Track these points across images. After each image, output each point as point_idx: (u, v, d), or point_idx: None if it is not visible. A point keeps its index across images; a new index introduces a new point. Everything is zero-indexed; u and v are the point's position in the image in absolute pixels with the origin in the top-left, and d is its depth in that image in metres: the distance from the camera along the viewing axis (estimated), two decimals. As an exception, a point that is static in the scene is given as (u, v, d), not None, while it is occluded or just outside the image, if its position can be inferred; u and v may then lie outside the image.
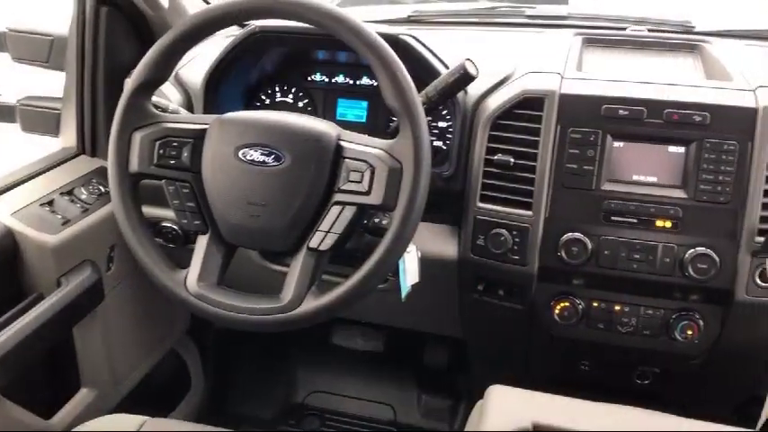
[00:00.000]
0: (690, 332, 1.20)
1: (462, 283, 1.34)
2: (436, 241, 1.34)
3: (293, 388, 2.00)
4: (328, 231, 1.01)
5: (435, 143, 1.39)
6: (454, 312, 1.43)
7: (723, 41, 1.49)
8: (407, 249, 1.16)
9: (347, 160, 1.01)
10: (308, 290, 1.02)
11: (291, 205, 1.01)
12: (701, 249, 1.15)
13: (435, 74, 1.21)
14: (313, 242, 1.01)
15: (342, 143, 1.02)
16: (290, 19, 1.03)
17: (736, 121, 1.15)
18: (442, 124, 1.38)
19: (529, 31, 1.66)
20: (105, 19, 1.40)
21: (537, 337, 1.33)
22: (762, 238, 1.12)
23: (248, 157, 1.03)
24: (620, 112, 1.18)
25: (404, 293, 1.21)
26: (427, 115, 1.19)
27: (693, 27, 1.63)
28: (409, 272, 1.19)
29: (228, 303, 1.04)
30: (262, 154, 1.02)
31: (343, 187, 1.00)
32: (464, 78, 1.12)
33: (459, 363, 1.85)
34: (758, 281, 1.15)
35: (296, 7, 1.00)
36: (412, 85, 0.99)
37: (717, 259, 1.14)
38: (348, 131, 1.05)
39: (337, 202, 1.01)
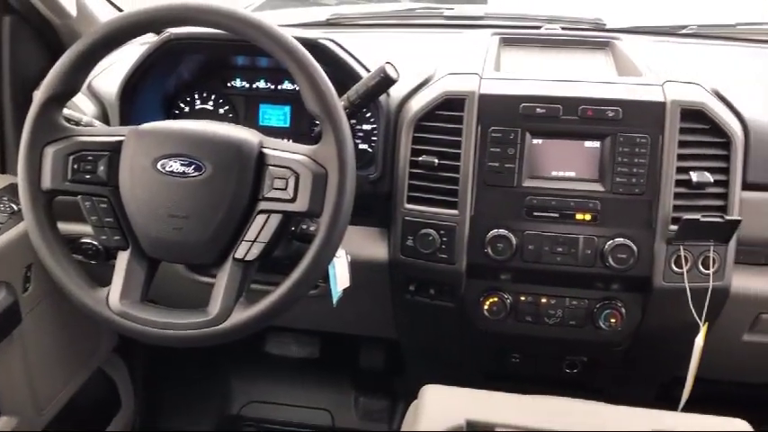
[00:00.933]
0: (613, 320, 1.24)
1: (394, 284, 1.34)
2: (366, 244, 1.34)
3: (228, 400, 1.96)
4: (254, 241, 1.00)
5: (361, 146, 1.39)
6: (387, 314, 1.43)
7: (633, 38, 1.55)
8: (337, 255, 1.15)
9: (270, 167, 0.99)
10: (236, 301, 1.00)
11: (214, 216, 0.99)
12: (619, 240, 1.19)
13: (356, 77, 1.21)
14: (239, 253, 1.00)
15: (264, 150, 1.01)
16: (205, 26, 1.01)
17: (646, 116, 1.19)
18: (366, 127, 1.38)
19: (448, 32, 1.68)
20: (9, 29, 1.33)
21: (468, 333, 1.35)
22: (675, 227, 1.17)
23: (167, 169, 1.00)
24: (538, 110, 1.21)
25: (335, 299, 1.20)
26: (350, 119, 1.19)
27: (605, 24, 1.69)
28: (339, 277, 1.18)
29: (153, 320, 1.01)
30: (181, 164, 0.99)
31: (268, 195, 0.99)
32: (385, 81, 1.13)
33: (396, 363, 1.86)
34: (674, 267, 1.20)
35: (210, 15, 0.98)
36: (332, 89, 0.98)
37: (635, 249, 1.19)
38: (270, 138, 1.04)
39: (262, 211, 0.99)
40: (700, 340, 1.23)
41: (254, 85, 1.44)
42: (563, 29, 1.64)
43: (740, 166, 1.19)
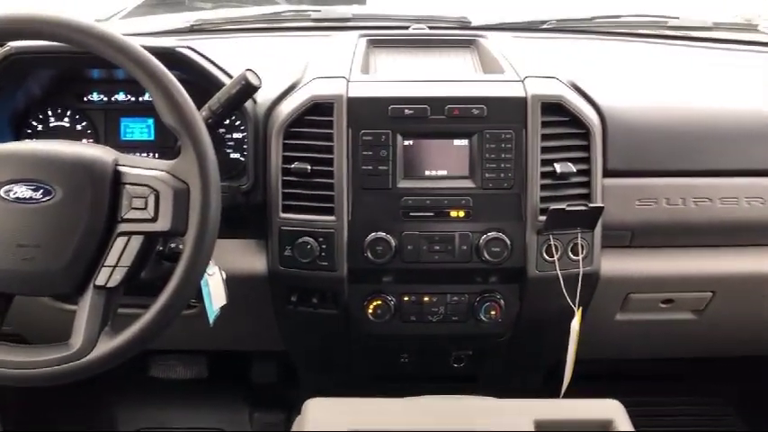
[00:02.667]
0: (493, 312, 1.27)
1: (275, 296, 1.31)
2: (244, 257, 1.30)
3: (115, 428, 1.85)
4: (116, 266, 0.94)
5: (232, 155, 1.35)
6: (272, 326, 1.40)
7: (497, 35, 1.59)
8: (209, 272, 1.11)
9: (128, 186, 0.94)
10: (101, 331, 0.94)
11: (69, 242, 0.92)
12: (492, 234, 1.22)
13: (219, 85, 1.17)
14: (99, 279, 0.94)
15: (120, 168, 0.95)
16: (44, 39, 0.94)
17: (509, 111, 1.22)
18: (237, 135, 1.34)
19: (316, 35, 1.66)
20: None
21: (355, 338, 1.34)
22: (543, 217, 1.20)
23: (13, 195, 0.92)
24: (406, 111, 1.21)
25: (211, 318, 1.16)
26: (214, 129, 1.16)
27: (470, 22, 1.73)
28: (215, 295, 1.14)
29: (8, 360, 0.93)
30: (28, 189, 0.92)
31: (127, 216, 0.94)
32: (247, 89, 1.09)
33: (289, 374, 1.82)
34: (545, 256, 1.24)
35: (47, 26, 0.91)
36: (188, 100, 0.94)
37: (508, 241, 1.22)
38: (127, 155, 0.99)
39: (122, 233, 0.94)
40: (575, 324, 1.27)
41: (113, 98, 1.37)
42: (430, 28, 1.66)
43: (600, 154, 1.25)
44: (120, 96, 1.37)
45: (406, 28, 1.66)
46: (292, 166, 1.21)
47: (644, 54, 1.63)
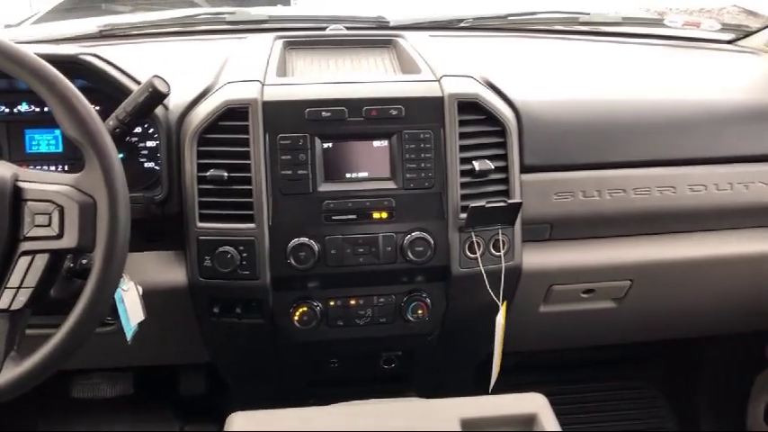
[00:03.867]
0: (420, 312, 1.27)
1: (197, 308, 1.27)
2: (163, 270, 1.26)
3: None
4: (19, 287, 0.89)
5: (147, 165, 1.30)
6: (197, 339, 1.36)
7: (413, 34, 1.59)
8: (124, 288, 1.07)
9: (30, 203, 0.89)
10: (6, 356, 0.89)
11: None
12: (416, 234, 1.22)
13: (128, 93, 1.12)
14: (2, 302, 0.89)
15: (20, 184, 0.90)
16: None
17: (427, 111, 1.22)
18: (151, 144, 1.30)
19: (232, 38, 1.62)
20: None
21: (283, 346, 1.32)
22: (464, 215, 1.21)
23: None
24: (323, 113, 1.20)
25: (129, 335, 1.11)
26: (123, 138, 1.12)
27: (388, 22, 1.73)
28: (131, 311, 1.10)
29: None
30: None
31: (30, 234, 0.89)
32: (154, 96, 1.06)
33: (220, 384, 1.78)
34: (468, 253, 1.25)
35: None
36: (90, 110, 0.90)
37: (431, 240, 1.22)
38: (28, 170, 0.94)
39: (25, 252, 0.89)
40: (500, 318, 1.29)
41: (16, 110, 1.30)
42: (347, 29, 1.65)
43: (517, 151, 1.26)
44: (24, 107, 1.30)
45: (324, 29, 1.64)
46: (208, 173, 1.18)
47: (558, 50, 1.66)
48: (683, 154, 1.32)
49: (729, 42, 1.72)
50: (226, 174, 1.18)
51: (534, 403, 0.93)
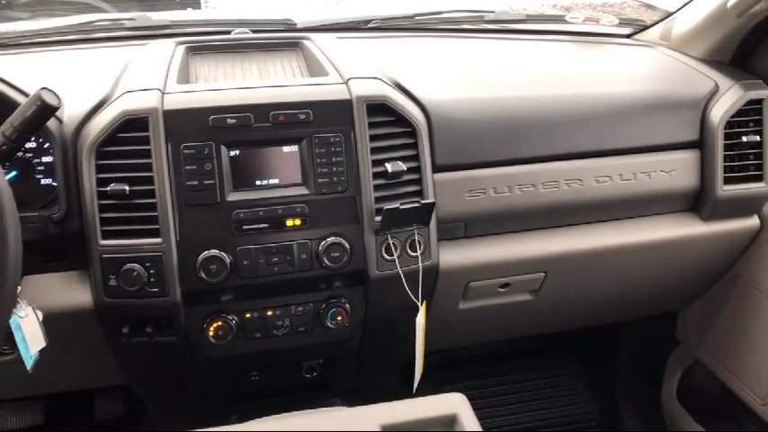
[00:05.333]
0: (339, 318, 1.25)
1: (105, 329, 1.21)
2: (66, 292, 1.19)
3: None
4: None
5: (44, 181, 1.23)
6: (109, 361, 1.29)
7: (321, 36, 1.57)
8: (21, 314, 1.01)
9: None
10: None
11: None
12: (331, 239, 1.20)
13: (16, 107, 1.06)
14: None
15: None
16: None
17: (335, 114, 1.21)
18: (47, 159, 1.22)
19: (132, 44, 1.56)
20: None
21: (199, 363, 1.27)
22: (379, 218, 1.20)
23: None
24: (228, 120, 1.16)
25: (29, 364, 1.05)
26: (12, 155, 1.05)
27: (295, 24, 1.70)
28: (31, 338, 1.03)
29: None
30: None
31: None
32: (43, 109, 1.00)
33: (136, 406, 1.71)
34: (385, 256, 1.24)
35: None
36: None
37: (347, 245, 1.20)
38: None
39: None
40: (420, 318, 1.29)
41: None
42: (253, 32, 1.61)
43: (428, 151, 1.26)
44: None
45: (229, 33, 1.60)
46: (109, 188, 1.12)
47: (465, 49, 1.68)
48: (587, 147, 1.36)
49: (627, 36, 1.79)
50: (127, 187, 1.13)
51: (453, 403, 0.93)
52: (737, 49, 1.52)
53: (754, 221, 1.48)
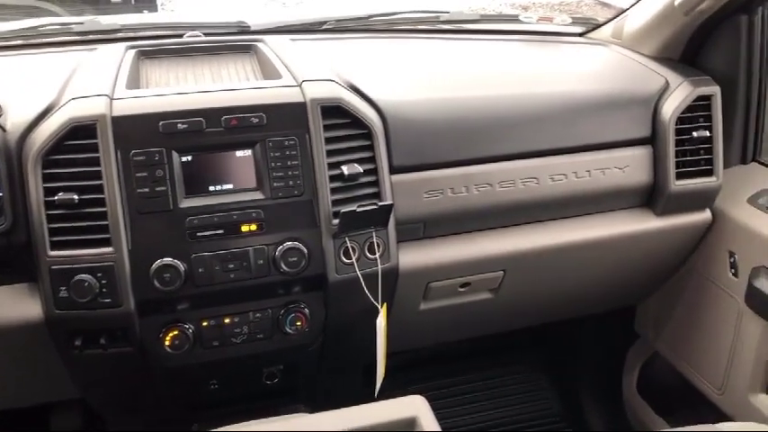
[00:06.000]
0: (299, 323, 1.24)
1: (57, 342, 1.18)
2: (14, 305, 1.16)
3: None
4: None
5: None
6: (62, 374, 1.26)
7: (276, 38, 1.56)
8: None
9: None
10: None
11: None
12: (288, 244, 1.19)
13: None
14: None
15: None
16: None
17: (290, 117, 1.19)
18: (-9, 169, 1.18)
19: (81, 49, 1.52)
20: None
21: (157, 374, 1.25)
22: (337, 221, 1.19)
23: None
24: (179, 126, 1.14)
25: (-26, 382, 1.01)
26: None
27: (249, 27, 1.68)
28: (-24, 354, 1.00)
29: None
30: None
31: None
32: (-18, 119, 0.96)
33: (94, 418, 1.67)
34: (344, 259, 1.23)
35: None
36: None
37: (304, 249, 1.19)
38: None
39: None
40: (381, 321, 1.28)
41: None
42: (206, 35, 1.59)
43: (384, 153, 1.26)
44: None
45: (181, 36, 1.57)
46: (56, 197, 1.09)
47: (421, 49, 1.68)
48: (542, 145, 1.37)
49: (580, 35, 1.81)
50: (76, 196, 1.10)
51: (413, 406, 0.92)
52: (686, 46, 1.55)
53: (706, 215, 1.51)
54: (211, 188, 1.17)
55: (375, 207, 1.21)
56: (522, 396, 1.98)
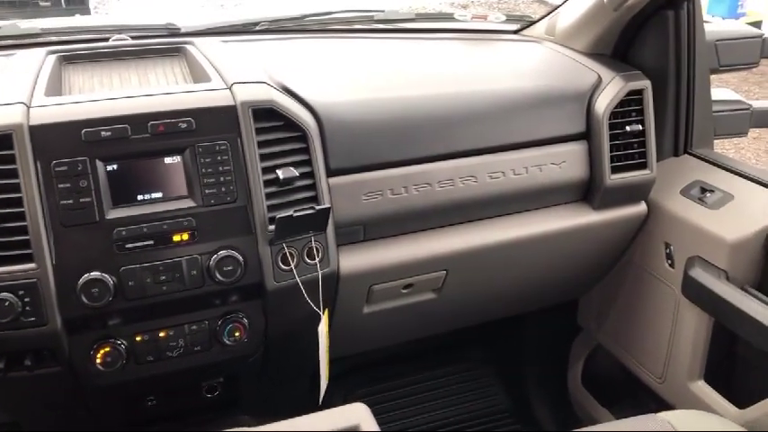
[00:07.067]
0: (237, 334, 1.20)
1: (-22, 365, 1.11)
2: (-69, 329, 1.08)
3: None
4: None
5: None
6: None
7: (207, 40, 1.51)
8: None
9: None
10: None
11: None
12: (223, 252, 1.15)
13: None
14: None
15: None
16: None
17: (220, 121, 1.16)
18: None
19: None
20: None
21: (89, 393, 1.19)
22: (273, 227, 1.16)
23: None
24: (103, 133, 1.09)
25: None
26: None
27: (179, 29, 1.63)
28: None
29: None
30: None
31: None
32: None
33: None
34: (282, 266, 1.20)
35: None
36: None
37: (240, 258, 1.16)
38: None
39: None
40: (323, 327, 1.26)
41: None
42: (133, 38, 1.53)
43: (321, 155, 1.23)
44: None
45: (107, 40, 1.51)
46: (-28, 213, 1.03)
47: (356, 49, 1.66)
48: (480, 143, 1.37)
49: (515, 32, 1.82)
50: (-7, 211, 1.04)
51: (355, 414, 0.90)
52: (618, 41, 1.58)
53: (641, 208, 1.53)
54: (140, 197, 1.13)
55: (312, 211, 1.18)
56: (469, 394, 1.98)
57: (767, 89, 5.16)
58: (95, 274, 1.08)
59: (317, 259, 1.23)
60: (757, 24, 5.24)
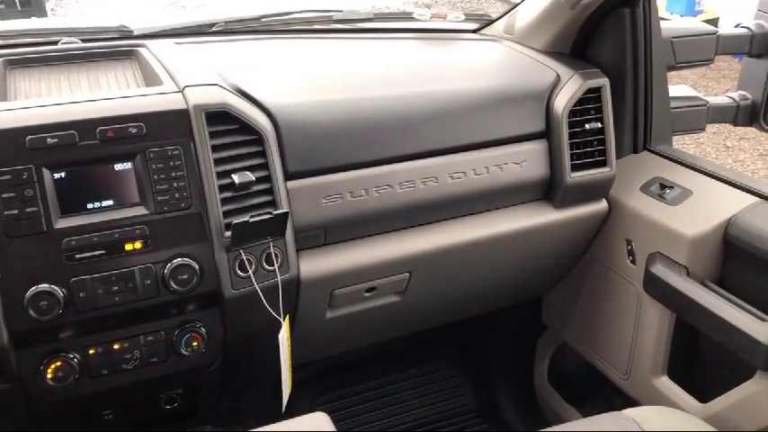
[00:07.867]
0: (195, 344, 1.17)
1: None
2: None
3: None
4: None
5: None
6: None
7: (158, 42, 1.47)
8: None
9: None
10: None
11: None
12: (178, 261, 1.12)
13: None
14: None
15: None
16: None
17: (172, 126, 1.12)
18: None
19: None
20: None
21: (43, 410, 1.15)
22: (229, 233, 1.14)
23: None
24: (49, 140, 1.05)
25: None
26: None
27: (131, 31, 1.58)
28: None
29: None
30: None
31: None
32: None
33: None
34: (240, 273, 1.17)
35: None
36: None
37: (196, 266, 1.13)
38: None
39: None
40: (284, 333, 1.24)
41: None
42: (84, 41, 1.49)
43: (278, 158, 1.21)
44: None
45: (56, 43, 1.46)
46: None
47: (314, 50, 1.63)
48: (440, 144, 1.35)
49: (474, 31, 1.81)
50: (-68, 223, 0.99)
51: (316, 423, 0.88)
52: (576, 39, 1.58)
53: (602, 205, 1.54)
54: (90, 205, 1.09)
55: (270, 216, 1.16)
56: (437, 395, 1.97)
57: (724, 85, 5.26)
58: (44, 286, 1.04)
59: (277, 265, 1.20)
60: (714, 21, 5.33)
